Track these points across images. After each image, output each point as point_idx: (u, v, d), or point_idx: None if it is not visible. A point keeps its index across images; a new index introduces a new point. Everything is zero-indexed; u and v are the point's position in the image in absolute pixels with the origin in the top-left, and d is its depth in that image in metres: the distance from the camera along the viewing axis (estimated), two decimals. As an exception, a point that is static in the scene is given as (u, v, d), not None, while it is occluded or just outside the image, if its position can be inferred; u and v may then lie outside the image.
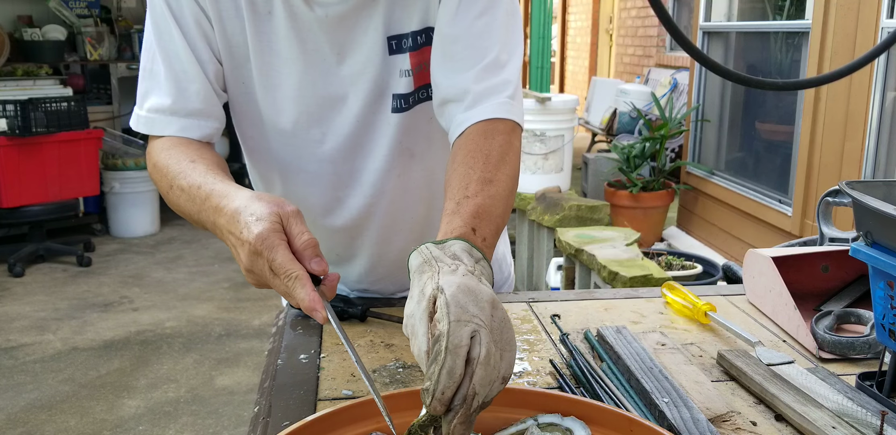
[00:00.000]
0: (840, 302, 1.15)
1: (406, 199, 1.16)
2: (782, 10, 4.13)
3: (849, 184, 0.87)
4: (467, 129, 0.97)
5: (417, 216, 1.19)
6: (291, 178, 1.14)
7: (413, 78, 1.06)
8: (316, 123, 1.08)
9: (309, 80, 1.06)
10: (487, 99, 0.98)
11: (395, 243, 1.20)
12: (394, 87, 1.07)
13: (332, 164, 1.11)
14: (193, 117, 1.04)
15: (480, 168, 0.91)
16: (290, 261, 0.78)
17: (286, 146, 1.11)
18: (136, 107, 1.08)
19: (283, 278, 0.77)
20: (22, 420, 2.86)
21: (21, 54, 5.33)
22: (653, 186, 4.67)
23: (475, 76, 0.99)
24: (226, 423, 2.85)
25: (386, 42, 1.04)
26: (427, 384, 0.64)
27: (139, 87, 1.07)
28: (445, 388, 0.64)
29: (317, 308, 0.76)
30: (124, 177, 5.19)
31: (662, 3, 0.73)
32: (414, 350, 0.70)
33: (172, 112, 1.04)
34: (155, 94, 1.05)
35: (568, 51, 10.67)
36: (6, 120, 4.48)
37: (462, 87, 0.99)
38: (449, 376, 0.64)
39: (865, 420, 0.80)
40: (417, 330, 0.69)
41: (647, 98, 5.89)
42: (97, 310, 4.00)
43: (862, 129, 3.22)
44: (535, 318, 1.17)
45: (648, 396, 0.85)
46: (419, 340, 0.69)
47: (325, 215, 1.16)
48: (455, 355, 0.64)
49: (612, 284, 2.62)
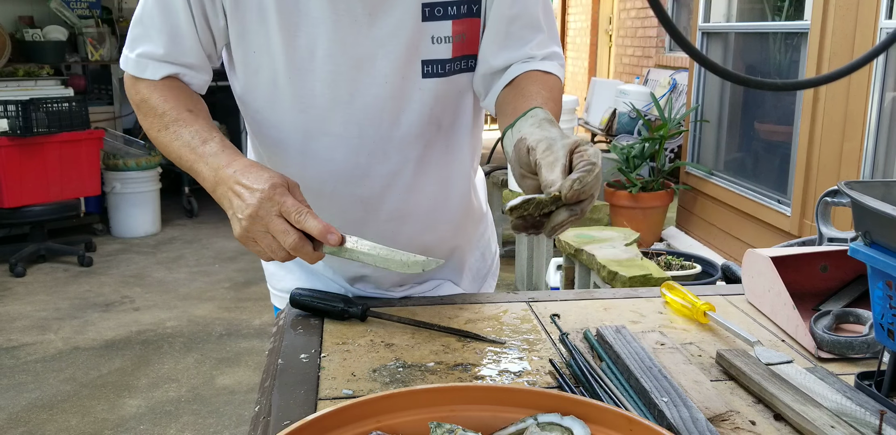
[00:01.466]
0: (839, 302, 1.16)
1: (426, 174, 1.17)
2: (781, 10, 4.13)
3: (847, 184, 0.88)
4: (533, 71, 1.11)
5: (432, 198, 1.19)
6: (313, 142, 1.11)
7: (452, 46, 1.09)
8: (344, 84, 1.08)
9: (339, 40, 1.05)
10: (548, 60, 1.14)
11: (407, 225, 1.19)
12: (424, 53, 1.08)
13: (359, 127, 1.10)
14: (186, 68, 1.08)
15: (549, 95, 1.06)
16: (300, 202, 0.91)
17: (311, 108, 1.09)
18: (125, 48, 1.10)
19: (294, 215, 0.89)
20: (23, 419, 2.86)
21: (22, 55, 5.33)
22: (652, 187, 4.67)
23: (537, 44, 1.13)
24: (227, 422, 2.85)
25: (420, 8, 1.06)
26: (575, 176, 0.84)
27: (130, 31, 1.09)
28: (588, 185, 0.85)
29: (331, 230, 0.89)
30: (125, 177, 5.20)
31: (661, 4, 0.73)
32: (549, 158, 0.88)
33: (165, 61, 1.06)
34: (147, 43, 1.07)
35: (567, 51, 10.67)
36: (8, 120, 4.49)
37: (523, 55, 1.12)
38: (595, 179, 0.86)
39: (864, 419, 0.81)
40: (557, 150, 0.88)
41: (646, 98, 5.89)
42: (98, 310, 4.00)
43: (861, 129, 3.22)
44: (534, 317, 1.17)
45: (648, 396, 0.86)
46: (556, 153, 0.88)
47: (345, 183, 1.14)
48: (597, 170, 0.86)
49: (612, 284, 2.62)
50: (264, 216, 0.90)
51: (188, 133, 1.01)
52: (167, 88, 1.06)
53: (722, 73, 0.77)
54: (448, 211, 1.23)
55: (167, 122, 1.03)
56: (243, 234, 0.93)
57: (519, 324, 1.15)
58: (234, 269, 4.67)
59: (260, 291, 4.28)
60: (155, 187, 5.36)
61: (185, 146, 1.00)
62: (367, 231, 1.11)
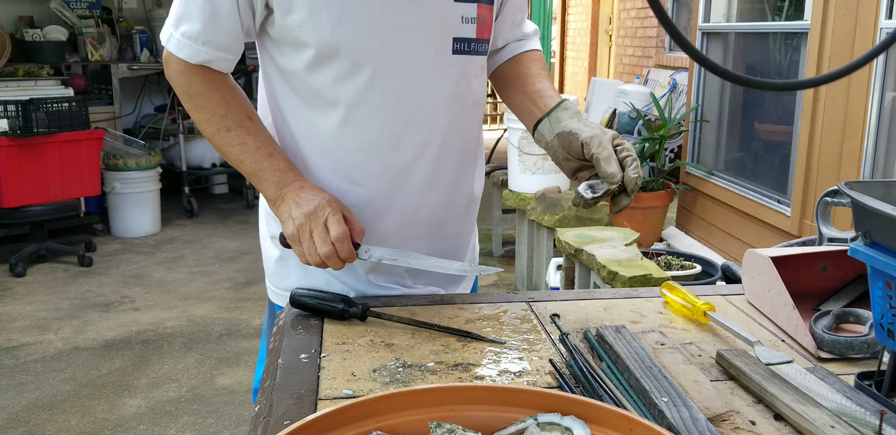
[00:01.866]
0: (839, 302, 1.16)
1: (450, 148, 1.25)
2: (781, 10, 4.13)
3: (847, 184, 0.88)
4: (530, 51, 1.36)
5: (453, 172, 1.28)
6: (356, 111, 1.18)
7: (476, 27, 1.21)
8: (386, 54, 1.15)
9: (385, 12, 1.12)
10: (533, 39, 1.39)
11: (430, 198, 1.26)
12: (455, 31, 1.19)
13: (396, 96, 1.17)
14: (222, 51, 1.14)
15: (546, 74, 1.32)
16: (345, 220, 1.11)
17: (355, 76, 1.15)
18: (170, 26, 1.15)
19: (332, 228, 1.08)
20: (23, 419, 2.86)
21: (22, 55, 5.33)
22: (652, 187, 4.67)
23: (524, 23, 1.38)
24: (227, 422, 2.85)
25: None
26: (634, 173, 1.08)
27: (174, 8, 1.15)
28: (641, 177, 1.10)
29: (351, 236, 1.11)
30: (125, 177, 5.20)
31: (661, 4, 0.73)
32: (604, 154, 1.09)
33: (205, 42, 1.13)
34: (188, 21, 1.13)
35: (567, 51, 10.67)
36: (7, 120, 4.49)
37: (519, 35, 1.37)
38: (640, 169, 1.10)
39: (864, 419, 0.81)
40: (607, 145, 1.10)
41: (646, 98, 5.89)
42: (98, 310, 4.00)
43: (861, 129, 3.22)
44: (534, 317, 1.17)
45: (648, 396, 0.86)
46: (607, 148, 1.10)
47: (380, 152, 1.21)
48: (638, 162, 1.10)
49: (612, 284, 2.62)
50: (312, 221, 1.09)
51: (253, 142, 1.16)
52: (225, 89, 1.17)
53: (722, 73, 0.77)
54: (463, 188, 1.32)
55: (229, 125, 1.16)
56: (294, 232, 1.10)
57: (519, 324, 1.15)
58: (234, 269, 4.67)
59: (260, 290, 4.28)
60: (155, 187, 5.36)
61: (248, 154, 1.15)
62: (395, 203, 1.23)
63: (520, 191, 4.24)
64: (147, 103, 6.41)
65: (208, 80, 1.16)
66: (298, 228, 1.10)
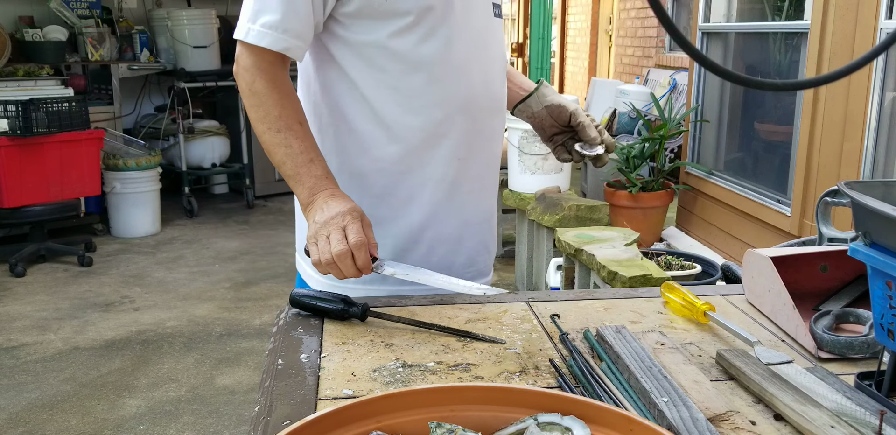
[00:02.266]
0: (839, 302, 1.16)
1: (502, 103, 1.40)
2: (781, 10, 4.13)
3: (847, 184, 0.88)
4: None
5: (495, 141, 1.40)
6: (438, 69, 1.26)
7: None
8: (461, 17, 1.26)
9: None
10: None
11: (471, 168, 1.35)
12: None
13: (468, 55, 1.28)
14: (298, 39, 1.21)
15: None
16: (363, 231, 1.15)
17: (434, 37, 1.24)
18: (247, 21, 1.21)
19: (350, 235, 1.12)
20: (23, 419, 2.86)
21: (22, 55, 5.33)
22: (652, 187, 4.67)
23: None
24: (227, 422, 2.85)
25: None
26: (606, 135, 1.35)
27: (249, 5, 1.21)
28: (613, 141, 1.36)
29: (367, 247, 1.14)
30: (125, 177, 5.20)
31: (661, 4, 0.73)
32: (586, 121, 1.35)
33: (284, 30, 1.19)
34: (268, 12, 1.19)
35: (567, 51, 10.66)
36: (7, 120, 4.49)
37: None
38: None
39: (864, 419, 0.81)
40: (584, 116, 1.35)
41: (646, 98, 5.89)
42: (98, 310, 4.00)
43: (860, 129, 3.22)
44: (534, 317, 1.17)
45: (648, 396, 0.86)
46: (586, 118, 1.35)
47: (463, 107, 1.29)
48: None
49: (612, 284, 2.62)
50: (332, 225, 1.14)
51: (298, 146, 1.21)
52: (284, 92, 1.23)
53: (722, 73, 0.77)
54: (495, 166, 1.43)
55: (280, 126, 1.21)
56: (313, 234, 1.15)
57: (519, 324, 1.15)
58: (234, 269, 4.67)
59: (260, 290, 4.29)
60: (155, 187, 5.36)
61: (291, 157, 1.21)
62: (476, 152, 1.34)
63: (520, 191, 4.24)
64: (147, 103, 6.41)
65: (271, 80, 1.22)
66: (317, 230, 1.14)
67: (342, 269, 1.12)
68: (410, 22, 1.22)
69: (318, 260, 1.13)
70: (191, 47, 5.76)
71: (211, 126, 6.06)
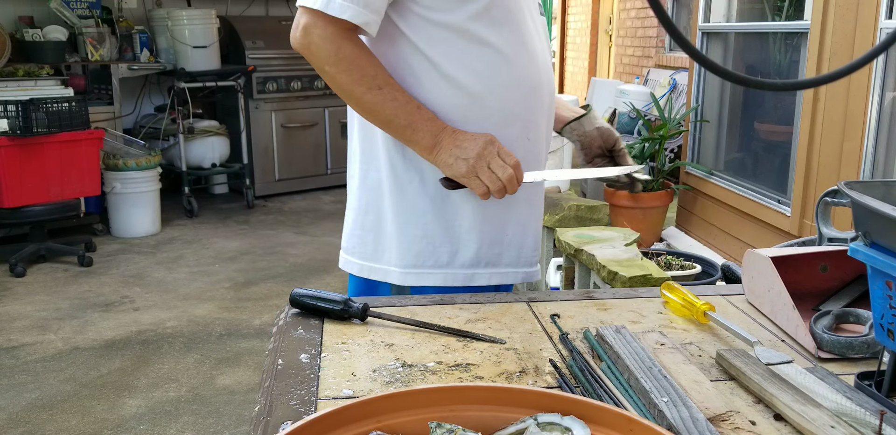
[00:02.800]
0: (839, 302, 1.16)
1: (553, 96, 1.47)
2: (781, 10, 4.13)
3: (847, 184, 0.88)
4: None
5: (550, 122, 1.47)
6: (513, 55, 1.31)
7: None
8: (527, 6, 1.35)
9: None
10: None
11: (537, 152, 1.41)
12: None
13: (530, 41, 1.34)
14: (375, 14, 1.23)
15: None
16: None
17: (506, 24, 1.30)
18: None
19: (507, 158, 1.26)
20: (23, 420, 2.86)
21: (22, 55, 5.32)
22: (652, 187, 4.67)
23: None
24: (226, 422, 2.85)
25: None
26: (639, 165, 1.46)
27: None
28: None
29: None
30: (125, 177, 5.19)
31: (661, 4, 0.73)
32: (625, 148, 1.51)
33: (365, 5, 1.21)
34: None
35: (567, 51, 10.66)
36: (7, 120, 4.49)
37: None
38: None
39: (864, 420, 0.81)
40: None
41: (646, 98, 5.90)
42: (98, 310, 4.00)
43: (860, 129, 3.22)
44: (534, 317, 1.17)
45: (648, 396, 0.86)
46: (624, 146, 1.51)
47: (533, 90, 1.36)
48: None
49: (612, 284, 2.62)
50: (487, 156, 1.24)
51: (403, 97, 1.25)
52: (371, 54, 1.26)
53: (722, 73, 0.77)
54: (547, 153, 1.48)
55: (380, 83, 1.24)
56: (469, 171, 1.24)
57: (519, 324, 1.15)
58: (234, 269, 4.67)
59: (260, 290, 4.29)
60: (155, 187, 5.35)
61: (402, 107, 1.25)
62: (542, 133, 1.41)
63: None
64: (147, 103, 6.41)
65: (357, 44, 1.24)
66: (474, 164, 1.23)
67: (510, 190, 1.26)
68: (483, 7, 1.26)
69: (488, 189, 1.25)
70: (191, 47, 5.76)
71: (211, 126, 6.06)
